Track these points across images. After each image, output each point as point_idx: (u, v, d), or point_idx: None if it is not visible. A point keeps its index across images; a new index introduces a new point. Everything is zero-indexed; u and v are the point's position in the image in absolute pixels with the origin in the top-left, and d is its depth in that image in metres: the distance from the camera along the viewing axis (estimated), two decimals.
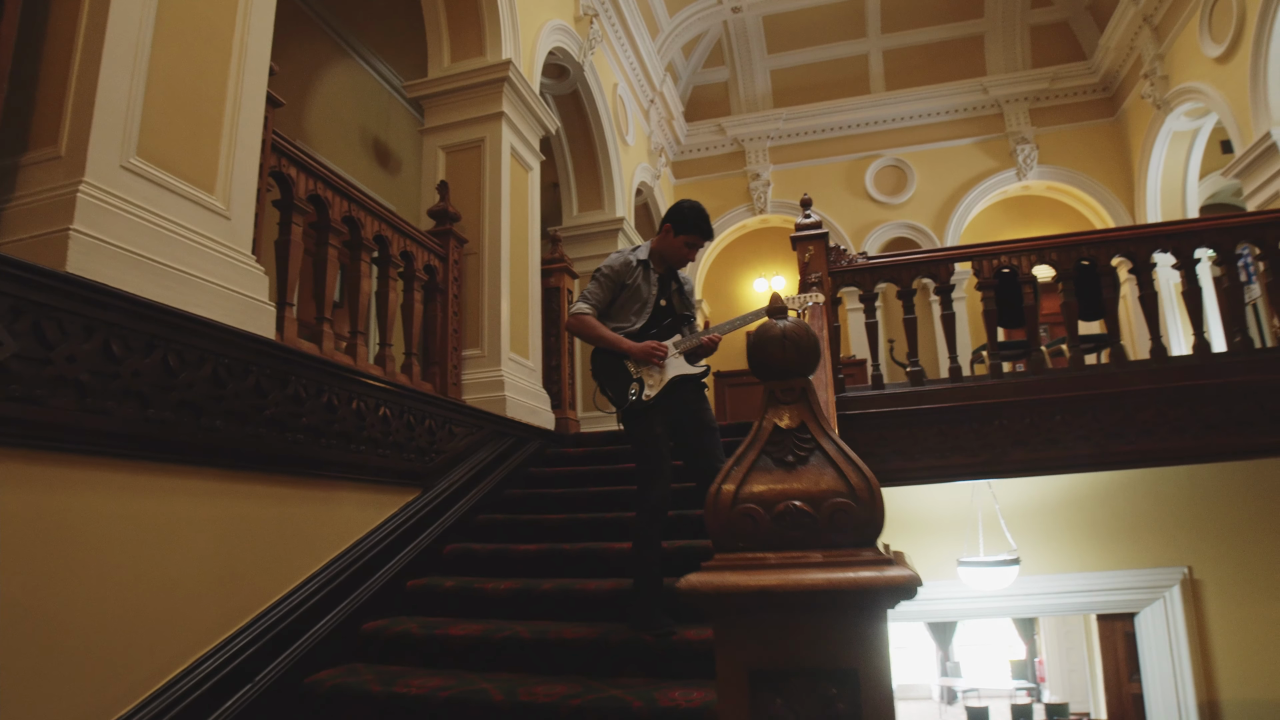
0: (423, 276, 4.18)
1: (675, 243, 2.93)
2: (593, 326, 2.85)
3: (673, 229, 2.93)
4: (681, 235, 2.92)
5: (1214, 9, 6.96)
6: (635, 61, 8.37)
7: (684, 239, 2.92)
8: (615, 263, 2.94)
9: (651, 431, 2.73)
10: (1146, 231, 4.73)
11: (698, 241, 2.94)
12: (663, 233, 2.96)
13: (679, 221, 2.92)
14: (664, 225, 2.96)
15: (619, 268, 2.92)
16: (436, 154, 4.95)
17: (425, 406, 3.60)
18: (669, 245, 2.95)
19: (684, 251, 2.95)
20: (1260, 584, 5.96)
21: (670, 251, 2.95)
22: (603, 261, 2.98)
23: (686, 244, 2.93)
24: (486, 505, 4.02)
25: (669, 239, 2.94)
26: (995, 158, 9.34)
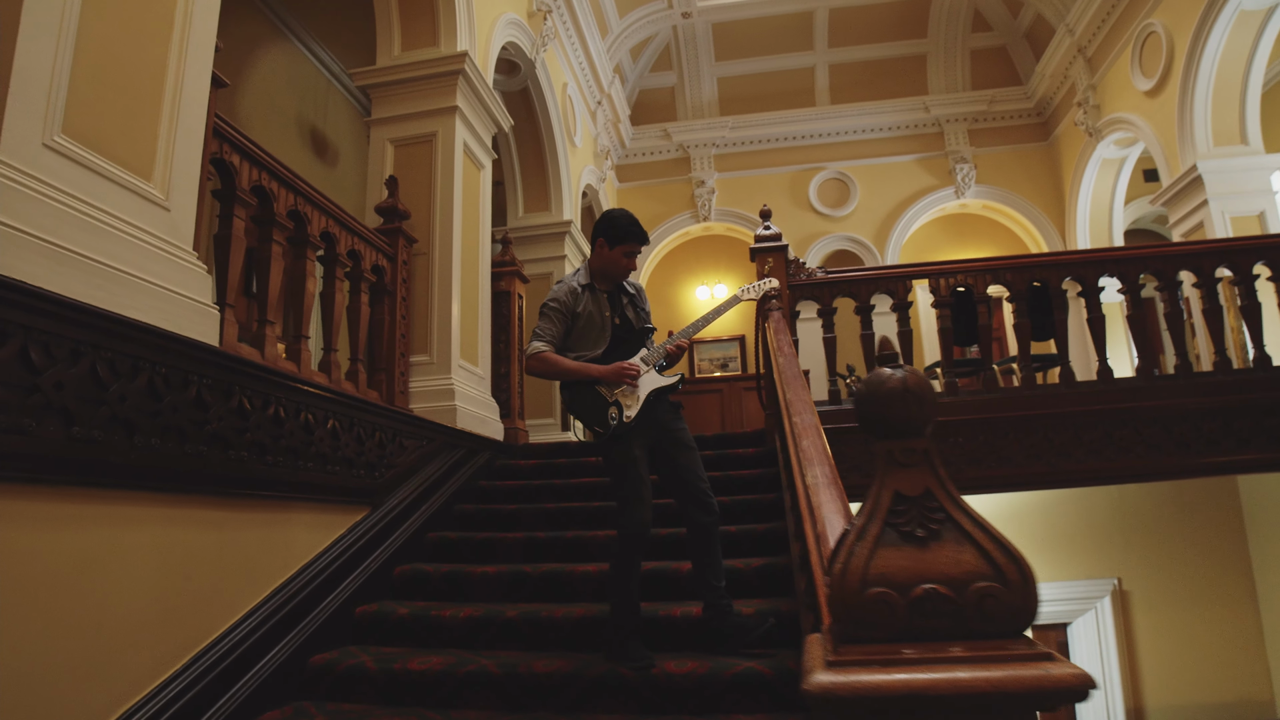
0: (370, 277, 3.91)
1: (613, 255, 2.75)
2: (554, 362, 2.67)
3: (606, 242, 2.74)
4: (618, 246, 2.73)
5: (1144, 45, 7.29)
6: (585, 61, 8.19)
7: (621, 250, 2.74)
8: (560, 294, 2.75)
9: (630, 454, 2.58)
10: (1096, 256, 4.87)
11: (635, 249, 2.76)
12: (596, 249, 2.77)
13: (612, 233, 2.73)
14: (596, 241, 2.77)
15: (564, 298, 2.74)
16: (384, 147, 4.67)
17: (376, 418, 3.35)
18: (607, 260, 2.76)
19: (624, 263, 2.76)
20: (1183, 595, 6.25)
21: (609, 266, 2.77)
22: (546, 297, 2.79)
23: (625, 254, 2.75)
24: (437, 522, 3.78)
25: (605, 254, 2.75)
26: (935, 175, 9.57)
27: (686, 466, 2.67)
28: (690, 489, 2.65)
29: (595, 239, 2.79)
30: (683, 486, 2.66)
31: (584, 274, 2.84)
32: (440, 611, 2.90)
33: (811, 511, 1.80)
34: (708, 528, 2.64)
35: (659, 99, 10.33)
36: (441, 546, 3.60)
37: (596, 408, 2.62)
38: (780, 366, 3.20)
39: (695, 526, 2.65)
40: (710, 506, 2.64)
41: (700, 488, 2.65)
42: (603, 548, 3.45)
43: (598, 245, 2.78)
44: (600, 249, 2.77)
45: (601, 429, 2.59)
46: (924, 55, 9.77)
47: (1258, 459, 4.51)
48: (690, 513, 2.65)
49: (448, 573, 3.25)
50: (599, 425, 2.59)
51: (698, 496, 2.64)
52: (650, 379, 2.69)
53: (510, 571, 3.20)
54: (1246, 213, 6.50)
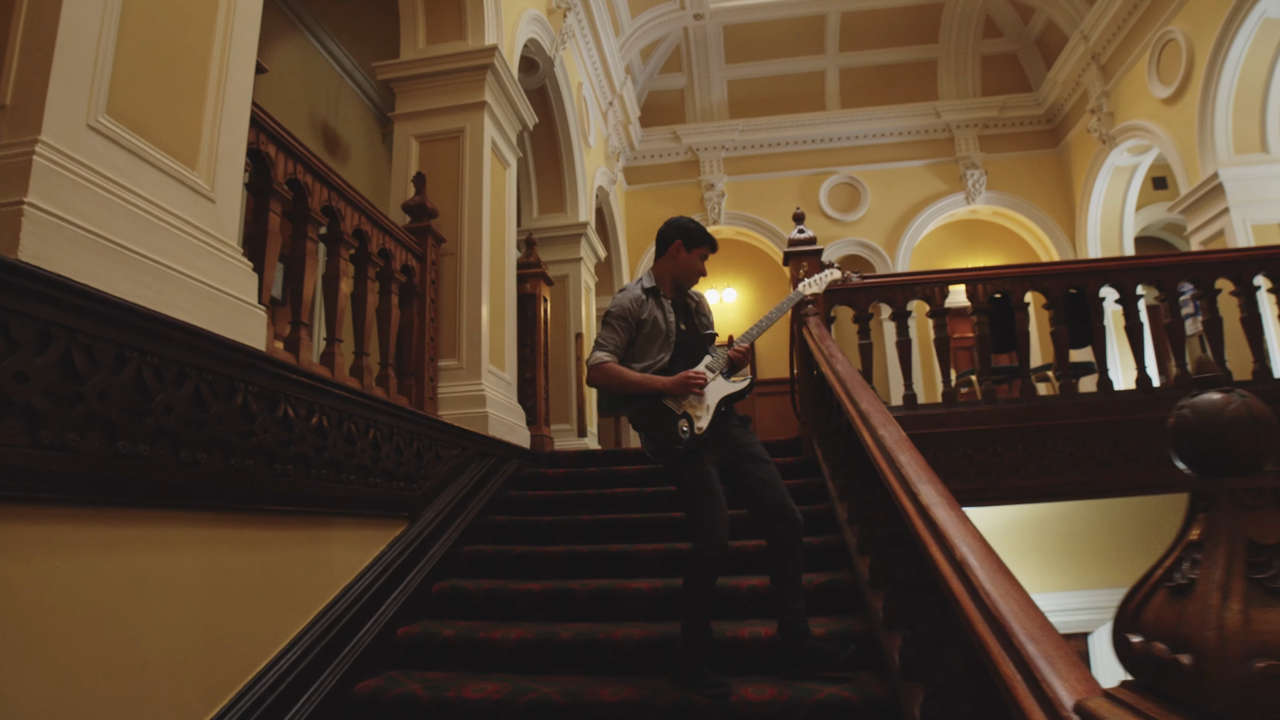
0: (401, 278, 3.73)
1: (690, 259, 2.67)
2: (618, 374, 2.53)
3: (684, 244, 2.66)
4: (695, 250, 2.67)
5: (1163, 52, 7.23)
6: (598, 61, 8.05)
7: (698, 253, 2.67)
8: (625, 301, 2.62)
9: (703, 470, 2.42)
10: (1134, 263, 4.76)
11: (708, 253, 2.71)
12: (671, 252, 2.68)
13: (689, 236, 2.66)
14: (672, 243, 2.68)
15: (630, 305, 2.61)
16: (409, 143, 4.49)
17: (414, 427, 3.17)
18: (683, 264, 2.67)
19: (698, 267, 2.69)
20: None
21: (686, 270, 2.68)
22: (610, 304, 2.66)
23: (700, 257, 2.69)
24: (472, 535, 3.60)
25: (682, 258, 2.67)
26: (945, 181, 9.49)
27: (765, 480, 2.51)
28: (771, 502, 2.49)
29: (668, 243, 2.68)
30: (761, 501, 2.50)
31: (648, 279, 2.70)
32: (489, 633, 2.72)
33: (940, 538, 1.64)
34: (791, 543, 2.48)
35: (668, 101, 10.20)
36: (478, 561, 3.42)
37: (665, 422, 2.46)
38: (841, 374, 3.05)
39: (778, 542, 2.49)
40: (795, 520, 2.49)
41: (784, 500, 2.49)
42: (648, 563, 3.29)
43: (673, 249, 2.67)
44: (676, 252, 2.67)
45: (673, 443, 2.42)
46: (935, 60, 9.70)
47: None
48: (772, 527, 2.49)
49: (490, 590, 3.07)
50: (670, 440, 2.43)
51: (781, 510, 2.48)
52: (718, 386, 2.54)
53: (556, 589, 3.03)
54: (1268, 220, 6.44)
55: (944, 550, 1.62)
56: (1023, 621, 1.30)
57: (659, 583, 3.00)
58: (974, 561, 1.53)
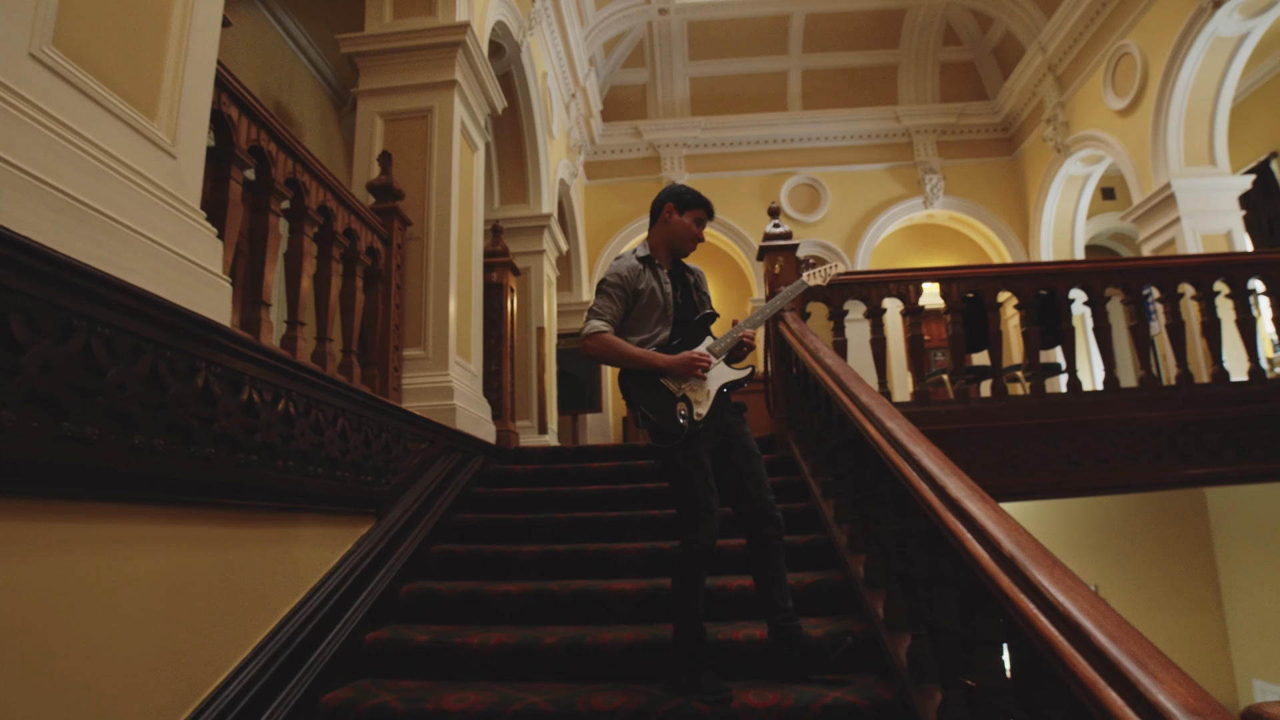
0: (366, 260, 3.50)
1: (683, 222, 2.52)
2: (616, 346, 2.38)
3: (675, 208, 2.52)
4: (689, 212, 2.52)
5: (1118, 65, 7.43)
6: (563, 51, 7.87)
7: (691, 215, 2.52)
8: (622, 269, 2.48)
9: (699, 460, 2.29)
10: (1103, 266, 4.82)
11: (704, 217, 2.56)
12: (663, 217, 2.54)
13: (680, 199, 2.52)
14: (663, 208, 2.54)
15: (626, 274, 2.46)
16: (373, 121, 4.25)
17: (383, 418, 2.95)
18: (674, 229, 2.53)
19: (694, 231, 2.54)
20: (1155, 600, 6.33)
21: (677, 236, 2.53)
22: (605, 272, 2.52)
23: (695, 221, 2.53)
24: (441, 534, 3.39)
25: (673, 221, 2.52)
26: (904, 185, 9.60)
27: (753, 475, 2.40)
28: (756, 500, 2.38)
29: (660, 208, 2.56)
30: (748, 497, 2.39)
31: (643, 248, 2.57)
32: (466, 639, 2.53)
33: (980, 533, 1.54)
34: (774, 543, 2.38)
35: (630, 96, 10.07)
36: (448, 561, 3.22)
37: (663, 403, 2.32)
38: (832, 368, 2.96)
39: (761, 542, 2.38)
40: (777, 520, 2.39)
41: (767, 499, 2.39)
42: (630, 562, 3.14)
43: (664, 214, 2.54)
44: (668, 217, 2.53)
45: (670, 428, 2.28)
46: (895, 66, 9.81)
47: (1226, 472, 4.54)
48: (756, 526, 2.38)
49: (465, 593, 2.88)
50: (668, 424, 2.29)
51: (764, 509, 2.38)
52: (720, 371, 2.42)
53: (536, 591, 2.86)
54: (1216, 231, 6.66)
55: (986, 546, 1.52)
56: (1096, 620, 1.20)
57: (644, 583, 2.86)
58: (1023, 557, 1.44)
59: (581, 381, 8.45)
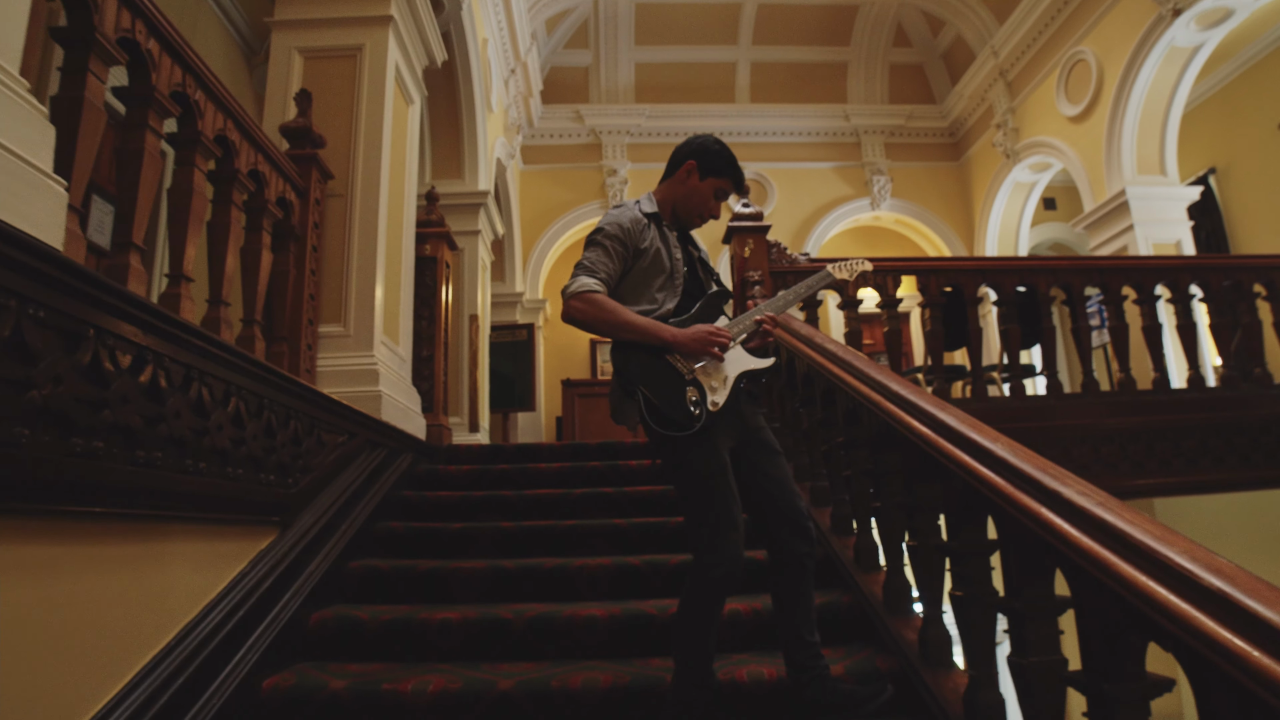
0: (275, 212, 2.88)
1: (700, 189, 2.03)
2: (613, 310, 1.85)
3: (697, 169, 2.02)
4: (710, 179, 2.03)
5: (1072, 72, 7.38)
6: (505, 20, 7.28)
7: (713, 184, 2.04)
8: (624, 220, 1.97)
9: (718, 458, 1.81)
10: (1084, 264, 4.61)
11: (728, 190, 2.07)
12: (680, 175, 2.04)
13: (707, 160, 2.02)
14: (683, 165, 2.03)
15: (630, 226, 1.96)
16: (290, 57, 3.60)
17: (292, 401, 2.35)
18: (690, 193, 2.04)
19: (710, 205, 2.06)
20: None
21: (691, 202, 2.05)
22: (601, 220, 2.00)
23: (716, 192, 2.05)
24: (361, 547, 2.80)
25: (690, 184, 2.03)
26: (851, 185, 9.41)
27: (778, 479, 1.94)
28: (784, 508, 1.91)
29: (680, 163, 2.04)
30: (773, 504, 1.92)
31: (648, 201, 2.06)
32: (396, 684, 1.97)
33: (1145, 556, 1.12)
34: (804, 562, 1.91)
35: (572, 78, 9.54)
36: (370, 581, 2.63)
37: (669, 385, 1.82)
38: (836, 354, 2.53)
39: (788, 560, 1.91)
40: (810, 534, 1.92)
41: (798, 507, 1.92)
42: (593, 581, 2.63)
43: (683, 171, 2.03)
44: (687, 177, 2.03)
45: (681, 419, 1.78)
46: (845, 64, 9.62)
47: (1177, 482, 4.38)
48: (782, 541, 1.91)
49: (391, 623, 2.30)
50: (676, 412, 1.79)
51: (794, 519, 1.91)
52: (739, 357, 1.94)
53: (482, 619, 2.31)
54: (1167, 240, 6.65)
55: (1163, 575, 1.09)
56: None
57: (615, 607, 2.36)
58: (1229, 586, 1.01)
59: (513, 379, 7.87)
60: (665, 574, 2.61)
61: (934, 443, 1.73)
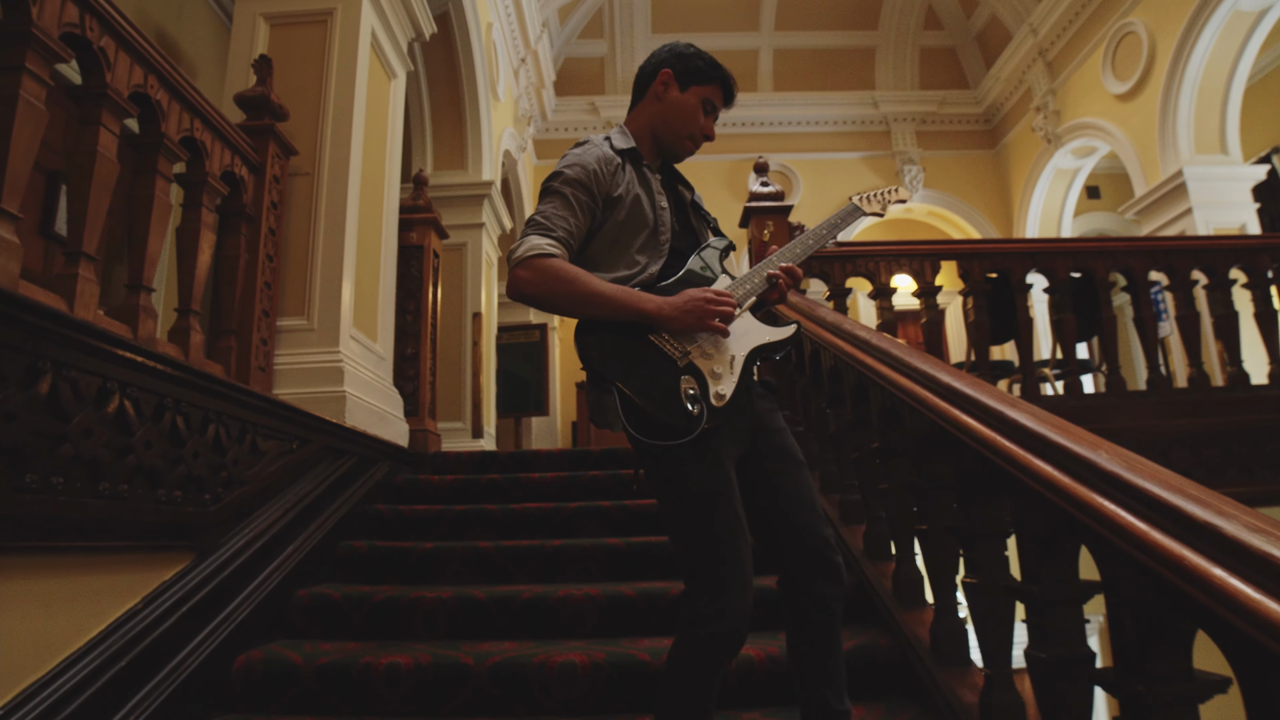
0: (220, 188, 2.52)
1: (683, 102, 1.54)
2: (574, 278, 1.38)
3: (675, 77, 1.54)
4: (693, 88, 1.54)
5: (1119, 46, 6.84)
6: (512, 6, 6.94)
7: (698, 94, 1.54)
8: (588, 159, 1.49)
9: (720, 476, 1.35)
10: (1145, 245, 4.10)
11: (717, 103, 1.58)
12: (654, 91, 1.56)
13: (686, 64, 1.54)
14: (656, 77, 1.56)
15: (595, 167, 1.48)
16: (254, 23, 3.26)
17: (210, 401, 1.97)
18: (671, 111, 1.55)
19: (699, 121, 1.56)
20: None
21: (674, 121, 1.55)
22: (561, 162, 1.51)
23: (704, 104, 1.56)
24: (313, 570, 2.41)
25: (671, 97, 1.55)
26: (881, 176, 8.91)
27: (799, 499, 1.46)
28: (807, 537, 1.43)
29: (650, 77, 1.56)
30: (792, 532, 1.44)
31: (621, 135, 1.58)
32: None
33: None
34: (830, 607, 1.43)
35: (587, 70, 9.18)
36: (318, 612, 2.24)
37: (657, 377, 1.35)
38: (870, 341, 2.09)
39: (812, 603, 1.42)
40: (839, 572, 1.44)
41: (823, 536, 1.44)
42: (578, 617, 2.21)
43: (657, 85, 1.55)
44: (662, 92, 1.55)
45: (675, 421, 1.31)
46: (873, 49, 9.14)
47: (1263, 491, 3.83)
48: (803, 579, 1.43)
49: (329, 667, 1.90)
50: (666, 411, 1.32)
51: (819, 551, 1.43)
52: (747, 327, 1.46)
53: (437, 663, 1.90)
54: (1229, 224, 6.07)
55: None
56: None
57: (599, 652, 1.94)
58: None
59: (526, 381, 7.48)
60: (663, 607, 2.19)
61: (1004, 450, 1.30)
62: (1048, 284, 3.92)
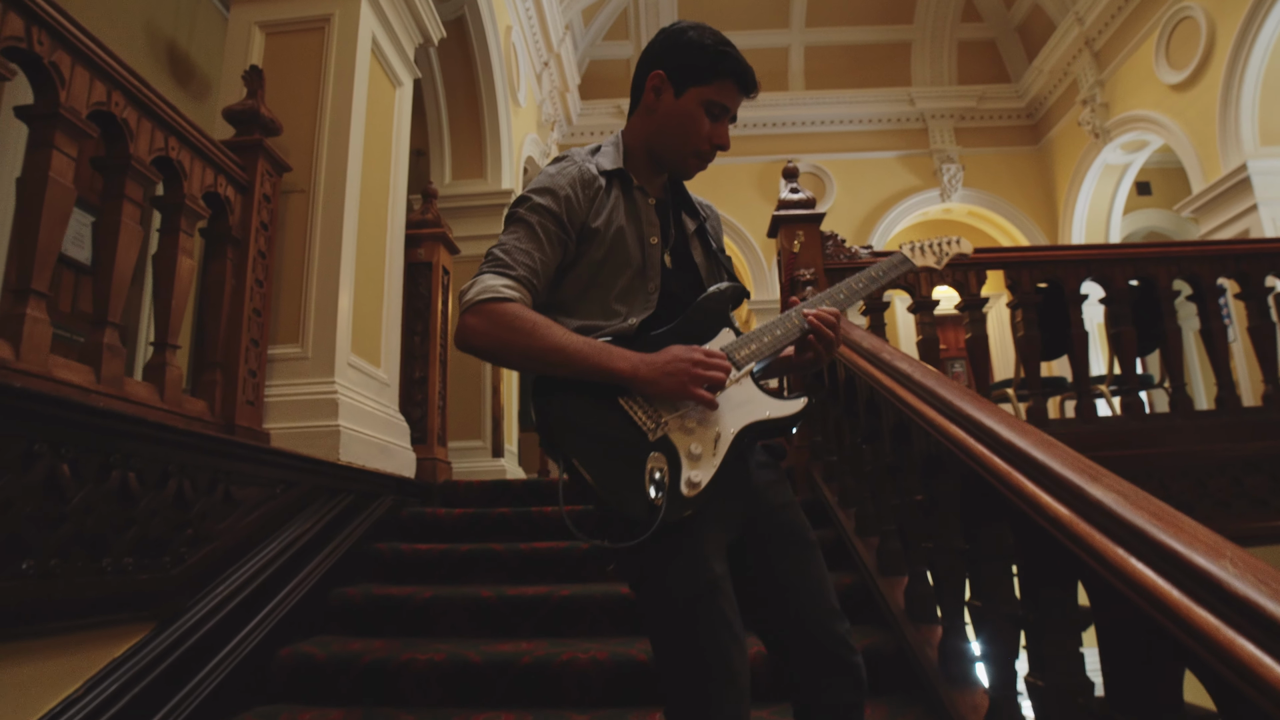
0: (200, 210, 2.34)
1: (682, 110, 1.23)
2: (532, 328, 1.12)
3: (670, 79, 1.23)
4: (692, 90, 1.22)
5: (1174, 33, 6.41)
6: (533, 8, 6.75)
7: (699, 97, 1.22)
8: (560, 181, 1.23)
9: (703, 574, 1.08)
10: (1214, 250, 3.74)
11: (728, 102, 1.23)
12: (645, 102, 1.26)
13: (684, 58, 1.22)
14: (647, 81, 1.26)
15: (570, 191, 1.22)
16: (249, 32, 3.10)
17: (170, 451, 1.78)
18: (666, 122, 1.25)
19: (703, 131, 1.24)
20: None
21: (670, 135, 1.25)
22: (531, 183, 1.26)
23: (708, 109, 1.23)
24: (302, 623, 2.22)
25: (664, 106, 1.24)
26: (919, 175, 8.55)
27: (809, 588, 1.20)
28: (819, 635, 1.17)
29: (642, 81, 1.28)
30: (800, 628, 1.18)
31: (611, 153, 1.30)
32: None
33: None
34: (850, 715, 1.17)
35: (612, 72, 8.96)
36: (300, 675, 2.05)
37: (618, 454, 1.09)
38: (926, 384, 1.83)
39: (825, 707, 1.17)
40: (858, 674, 1.18)
41: (838, 633, 1.18)
42: (582, 684, 1.98)
43: (648, 93, 1.26)
44: (654, 102, 1.25)
45: (629, 510, 1.05)
46: (909, 44, 8.78)
47: None
48: (816, 682, 1.17)
49: None
50: (621, 501, 1.05)
51: (833, 651, 1.17)
52: (745, 397, 1.18)
53: None
54: None
55: None
56: None
57: None
58: None
59: None
60: None
61: (1087, 540, 1.04)
62: (1104, 294, 3.59)
